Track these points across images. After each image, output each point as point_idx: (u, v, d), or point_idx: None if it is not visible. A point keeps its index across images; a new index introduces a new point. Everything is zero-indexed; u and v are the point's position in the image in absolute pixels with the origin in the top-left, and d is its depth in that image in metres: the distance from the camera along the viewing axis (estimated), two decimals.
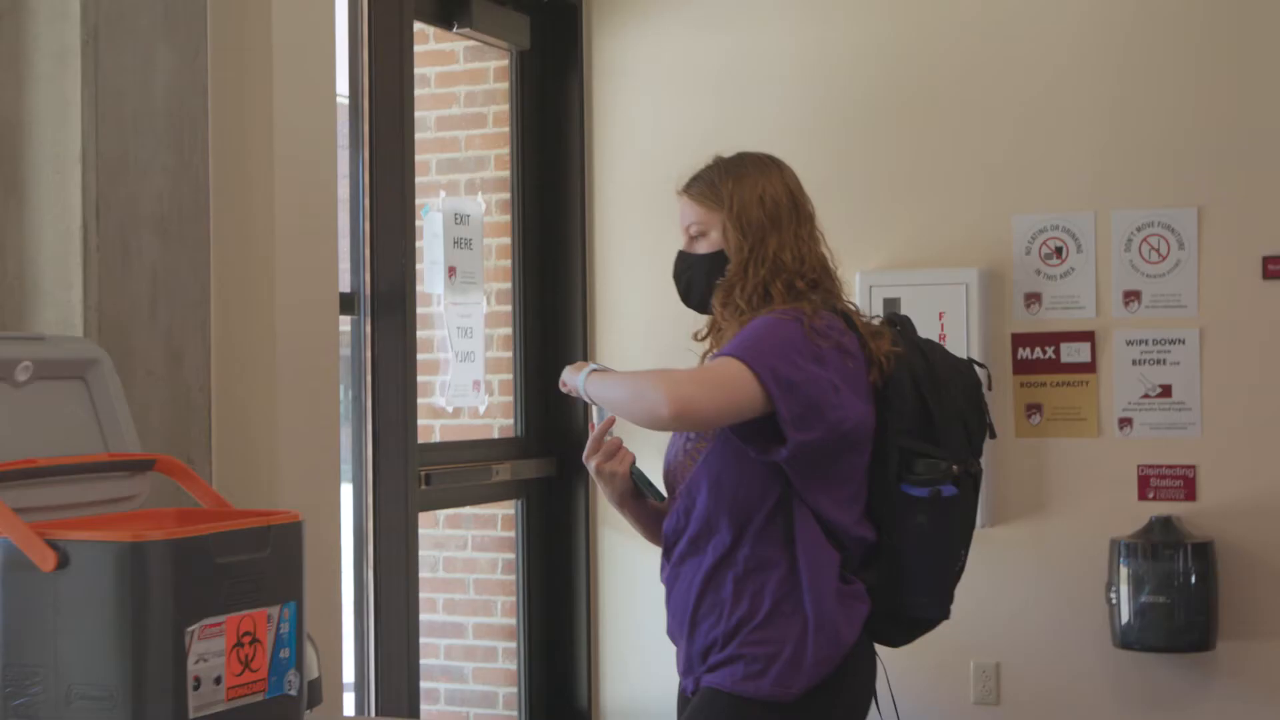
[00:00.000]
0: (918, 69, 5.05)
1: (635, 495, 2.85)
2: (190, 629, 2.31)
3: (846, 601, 2.70)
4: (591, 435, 2.85)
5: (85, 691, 2.27)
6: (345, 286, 4.34)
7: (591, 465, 2.84)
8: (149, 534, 2.32)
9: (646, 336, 5.12)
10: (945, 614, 2.84)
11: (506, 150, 5.34)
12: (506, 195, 5.33)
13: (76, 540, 2.29)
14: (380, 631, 4.47)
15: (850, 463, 2.70)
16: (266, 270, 3.66)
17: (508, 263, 5.32)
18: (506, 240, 5.32)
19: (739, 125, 5.20)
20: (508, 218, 5.32)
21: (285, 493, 3.52)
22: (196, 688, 2.31)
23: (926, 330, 4.89)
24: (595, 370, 2.79)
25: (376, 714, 4.37)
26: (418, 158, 4.75)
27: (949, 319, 4.87)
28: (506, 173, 5.33)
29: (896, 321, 2.90)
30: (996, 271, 4.92)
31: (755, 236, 2.75)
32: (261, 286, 3.66)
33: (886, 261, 5.01)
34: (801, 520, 2.67)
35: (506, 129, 5.34)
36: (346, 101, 4.53)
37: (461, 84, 5.36)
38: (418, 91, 4.80)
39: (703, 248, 2.82)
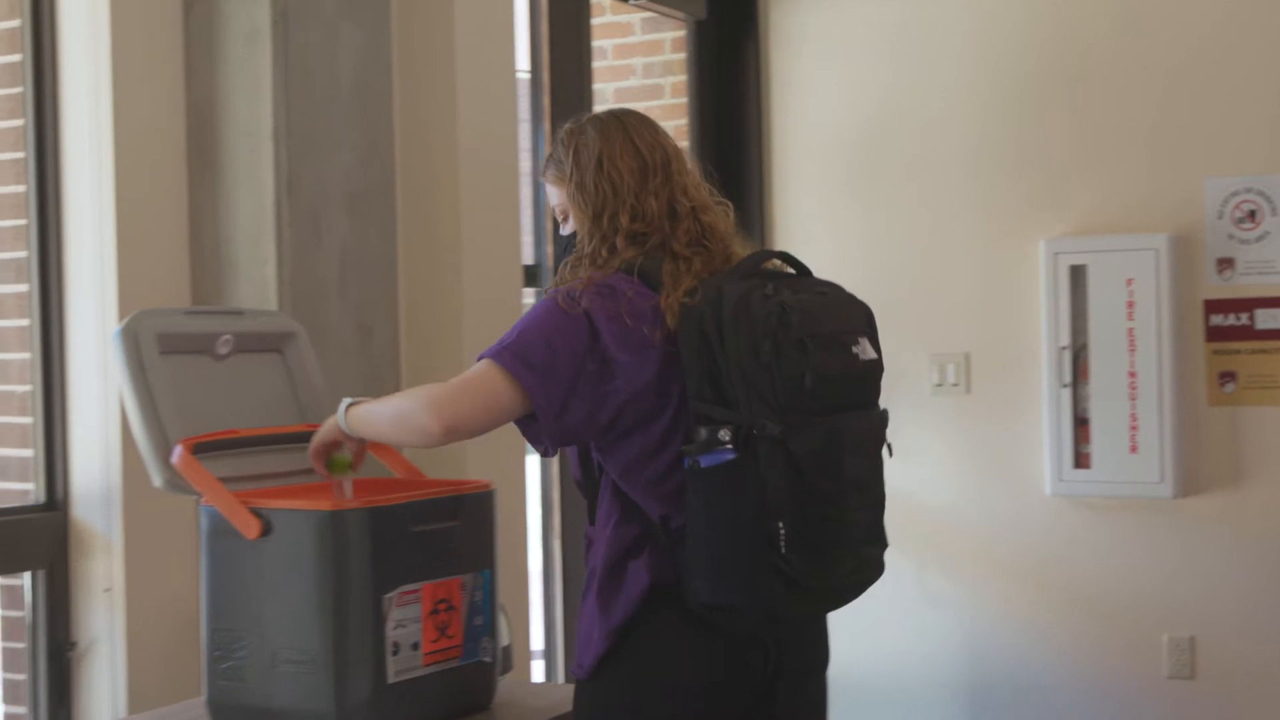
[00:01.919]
0: (1100, 29, 4.94)
1: None
2: (388, 595, 2.35)
3: (620, 577, 2.48)
4: None
5: (289, 655, 2.33)
6: (528, 259, 4.38)
7: None
8: (347, 503, 2.37)
9: None
10: (740, 602, 2.41)
11: (684, 121, 5.34)
12: None
13: (279, 509, 2.35)
14: (567, 600, 4.51)
15: (650, 434, 2.45)
16: (452, 244, 3.71)
17: None
18: None
19: (917, 93, 5.13)
20: None
21: (473, 463, 3.56)
22: (395, 653, 2.36)
23: (1114, 298, 4.84)
24: (350, 404, 2.53)
25: (564, 681, 4.41)
26: None
27: (1138, 285, 4.76)
28: (685, 143, 5.33)
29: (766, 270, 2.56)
30: (1187, 236, 4.80)
31: (596, 206, 2.54)
32: (447, 260, 3.71)
33: (1072, 228, 4.91)
34: (604, 497, 2.53)
35: (684, 100, 5.34)
36: (527, 76, 4.57)
37: (638, 55, 5.37)
38: (595, 64, 4.82)
39: (567, 229, 2.69)
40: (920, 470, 5.02)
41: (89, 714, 3.14)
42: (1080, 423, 4.82)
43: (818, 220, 5.25)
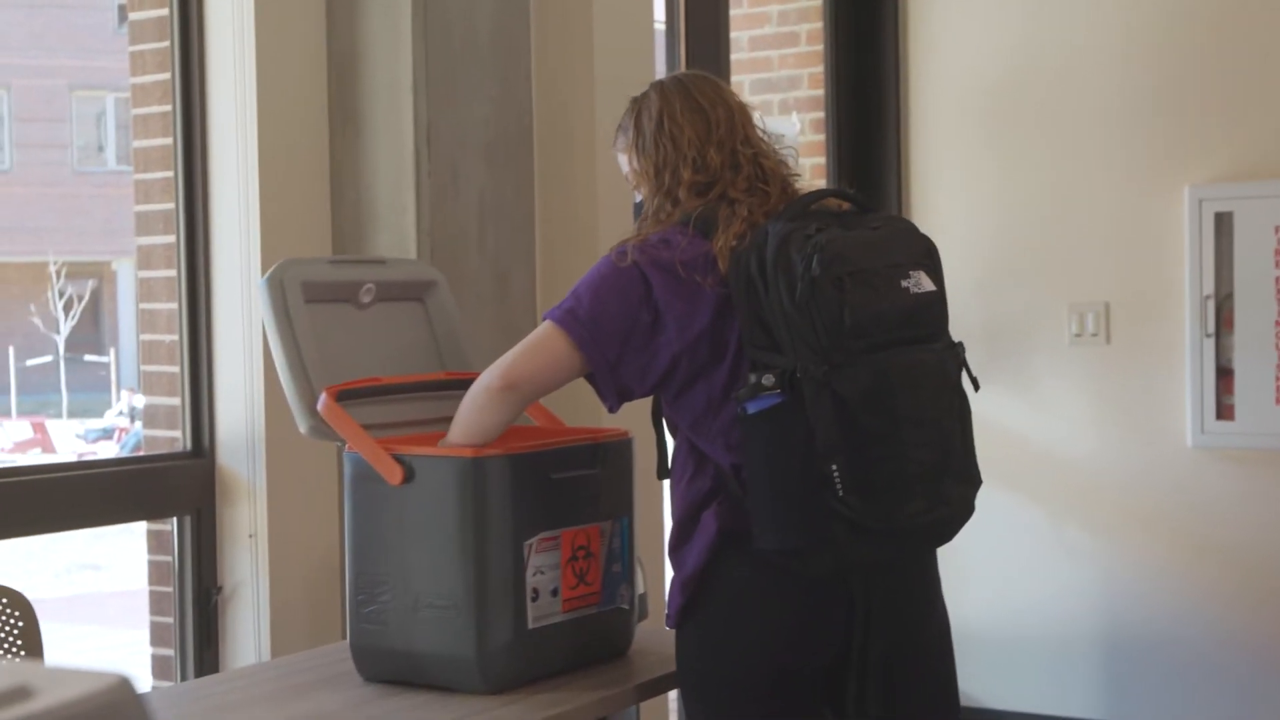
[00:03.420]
0: None
1: None
2: (528, 542, 2.37)
3: (692, 529, 2.49)
4: None
5: (431, 600, 2.36)
6: None
7: None
8: (489, 449, 2.39)
9: (966, 259, 5.02)
10: (802, 547, 2.36)
11: (819, 69, 5.29)
12: (820, 114, 5.29)
13: (421, 455, 2.38)
14: None
15: (713, 383, 2.45)
16: (588, 194, 3.72)
17: (822, 182, 5.28)
18: (821, 160, 5.28)
19: (1058, 37, 5.04)
20: (821, 137, 5.29)
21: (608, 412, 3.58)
22: (535, 599, 2.38)
23: (1261, 246, 4.73)
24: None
25: None
26: (731, 78, 4.74)
27: None
28: (820, 91, 5.29)
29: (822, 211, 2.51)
30: None
31: (657, 163, 2.54)
32: (583, 210, 3.72)
33: (1218, 174, 4.80)
34: (679, 452, 2.55)
35: (819, 47, 5.29)
36: (663, 27, 4.55)
37: (774, 3, 5.33)
38: (731, 12, 4.79)
39: (639, 196, 2.68)
40: (1057, 422, 4.96)
41: (234, 656, 3.21)
42: (1223, 374, 4.73)
43: (956, 168, 5.19)
